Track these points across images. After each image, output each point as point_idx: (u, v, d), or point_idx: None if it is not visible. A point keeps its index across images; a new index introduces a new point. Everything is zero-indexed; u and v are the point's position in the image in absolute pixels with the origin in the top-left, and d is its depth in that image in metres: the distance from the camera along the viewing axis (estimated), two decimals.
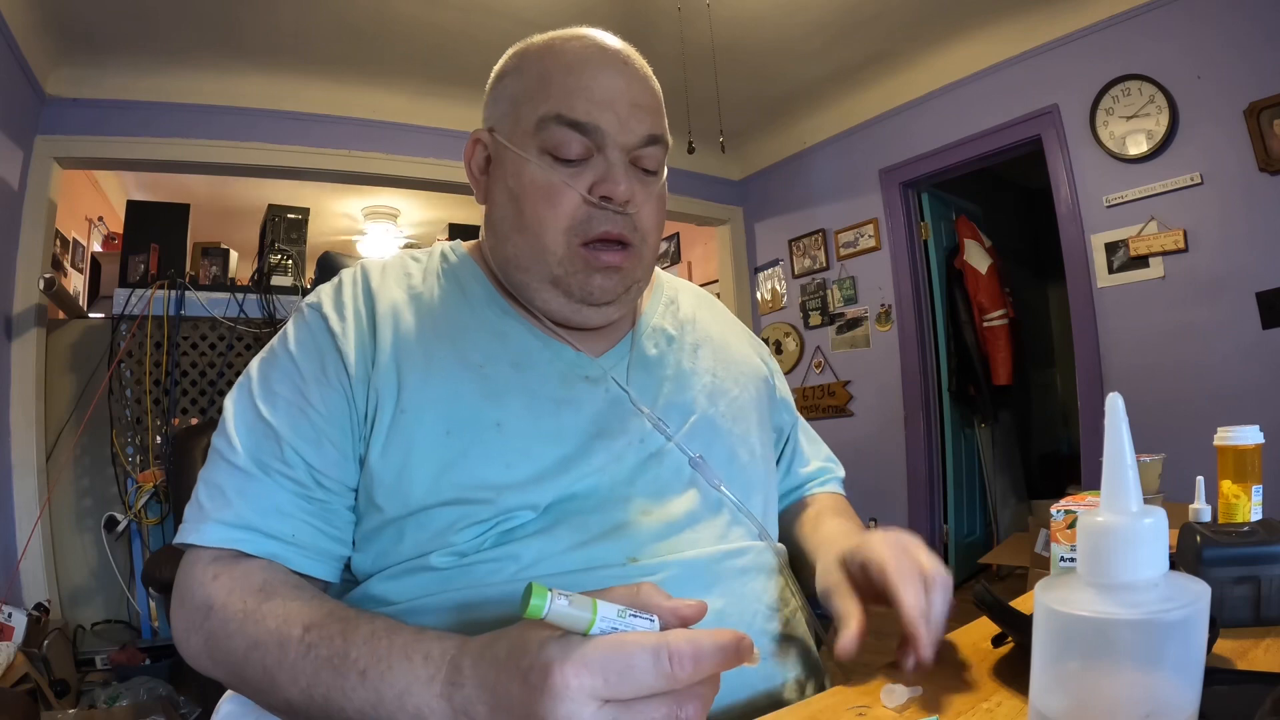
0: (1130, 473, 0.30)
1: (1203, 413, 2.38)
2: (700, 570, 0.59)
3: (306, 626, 0.48)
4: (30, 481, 2.45)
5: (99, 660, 2.35)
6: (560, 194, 0.60)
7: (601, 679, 0.36)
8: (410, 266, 0.69)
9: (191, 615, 0.53)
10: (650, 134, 0.63)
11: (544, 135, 0.60)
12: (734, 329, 0.81)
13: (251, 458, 0.56)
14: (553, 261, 0.61)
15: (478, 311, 0.65)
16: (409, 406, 0.57)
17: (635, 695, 0.36)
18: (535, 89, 0.62)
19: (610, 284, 0.62)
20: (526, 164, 0.61)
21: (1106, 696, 0.28)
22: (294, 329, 0.63)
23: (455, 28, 2.74)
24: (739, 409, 0.70)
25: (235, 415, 0.59)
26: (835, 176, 3.75)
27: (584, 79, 0.61)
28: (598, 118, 0.60)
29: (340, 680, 0.45)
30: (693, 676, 0.37)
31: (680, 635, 0.38)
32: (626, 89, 0.62)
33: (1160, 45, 2.52)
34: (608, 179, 0.60)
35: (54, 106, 2.71)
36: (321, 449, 0.57)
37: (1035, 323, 4.46)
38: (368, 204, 4.72)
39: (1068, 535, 0.76)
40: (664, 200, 0.68)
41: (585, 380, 0.63)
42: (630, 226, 0.62)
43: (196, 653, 0.53)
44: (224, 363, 2.64)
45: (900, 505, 3.45)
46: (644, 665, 0.36)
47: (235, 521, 0.55)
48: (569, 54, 0.63)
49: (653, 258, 0.67)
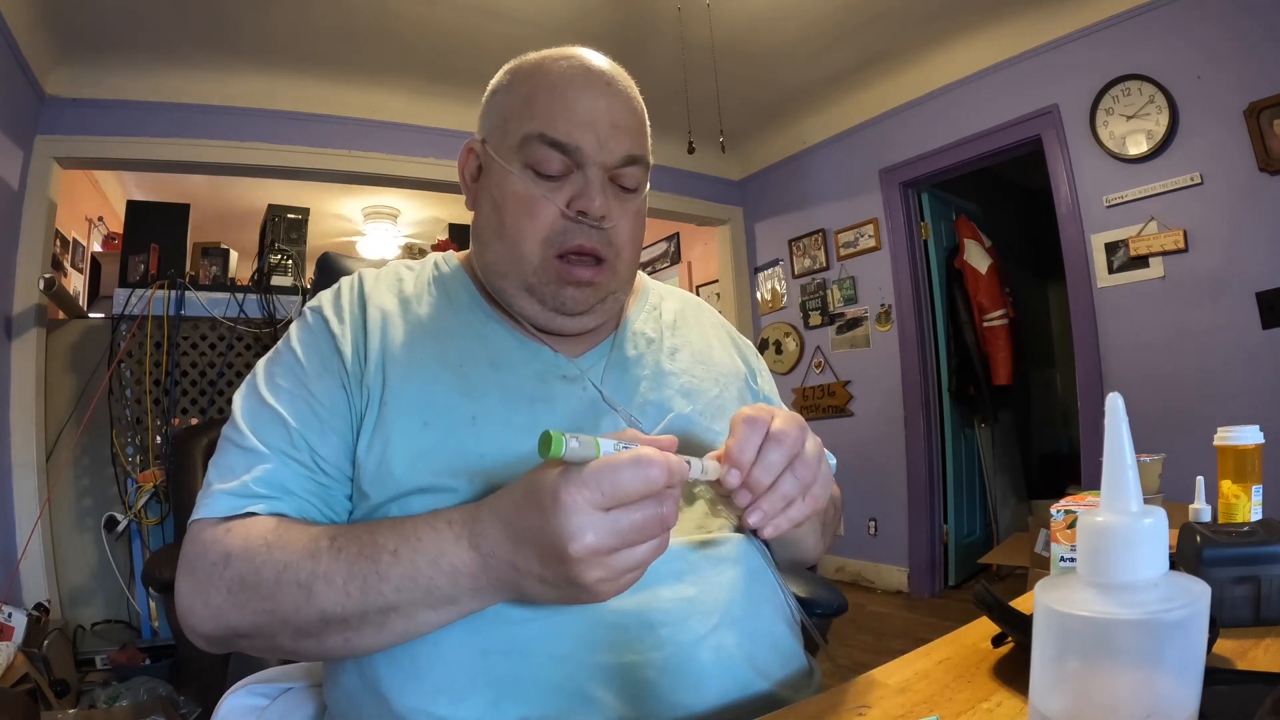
0: (1130, 473, 0.30)
1: (1203, 413, 2.38)
2: (674, 558, 0.60)
3: (332, 537, 0.53)
4: (30, 481, 2.45)
5: (99, 660, 2.35)
6: (539, 206, 0.63)
7: (599, 491, 0.44)
8: (403, 274, 0.73)
9: (208, 573, 0.55)
10: (629, 154, 0.65)
11: (527, 151, 0.63)
12: (717, 332, 0.82)
13: (260, 440, 0.60)
14: (528, 270, 0.64)
15: (461, 315, 0.69)
16: (390, 400, 0.61)
17: (626, 500, 0.45)
18: (522, 106, 0.65)
19: (582, 296, 0.65)
20: (510, 176, 0.64)
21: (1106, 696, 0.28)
22: (298, 330, 0.68)
23: (454, 28, 2.74)
24: (718, 408, 0.71)
25: (243, 406, 0.63)
26: (835, 176, 3.75)
27: (567, 99, 0.64)
28: (578, 138, 0.63)
29: (375, 566, 0.51)
30: (665, 482, 0.45)
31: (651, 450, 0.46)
32: (608, 110, 0.64)
33: (1160, 45, 2.52)
34: (584, 195, 0.63)
35: (54, 106, 2.71)
36: (325, 437, 0.61)
37: (1035, 323, 4.46)
38: (367, 204, 4.72)
39: (1068, 535, 0.76)
40: (641, 216, 0.70)
41: (562, 380, 0.66)
42: (605, 241, 0.65)
43: (218, 607, 0.54)
44: (224, 363, 2.64)
45: (900, 505, 3.45)
46: (629, 475, 0.44)
47: (244, 492, 0.58)
48: (555, 74, 0.65)
49: (628, 271, 0.69)
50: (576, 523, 0.44)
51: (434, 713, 0.54)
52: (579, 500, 0.44)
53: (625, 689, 0.55)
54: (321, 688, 0.69)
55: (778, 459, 0.52)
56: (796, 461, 0.54)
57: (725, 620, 0.60)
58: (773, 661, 0.62)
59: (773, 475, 0.52)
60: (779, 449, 0.53)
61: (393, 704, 0.55)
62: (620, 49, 0.72)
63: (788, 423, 0.54)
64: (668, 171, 3.85)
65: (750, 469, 0.52)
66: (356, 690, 0.58)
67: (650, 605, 0.57)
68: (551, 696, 0.54)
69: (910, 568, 3.43)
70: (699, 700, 0.56)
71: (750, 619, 0.62)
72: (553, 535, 0.45)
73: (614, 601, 0.56)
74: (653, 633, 0.56)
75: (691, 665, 0.57)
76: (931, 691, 0.51)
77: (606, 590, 0.47)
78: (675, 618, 0.57)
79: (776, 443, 0.53)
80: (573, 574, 0.45)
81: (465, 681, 0.54)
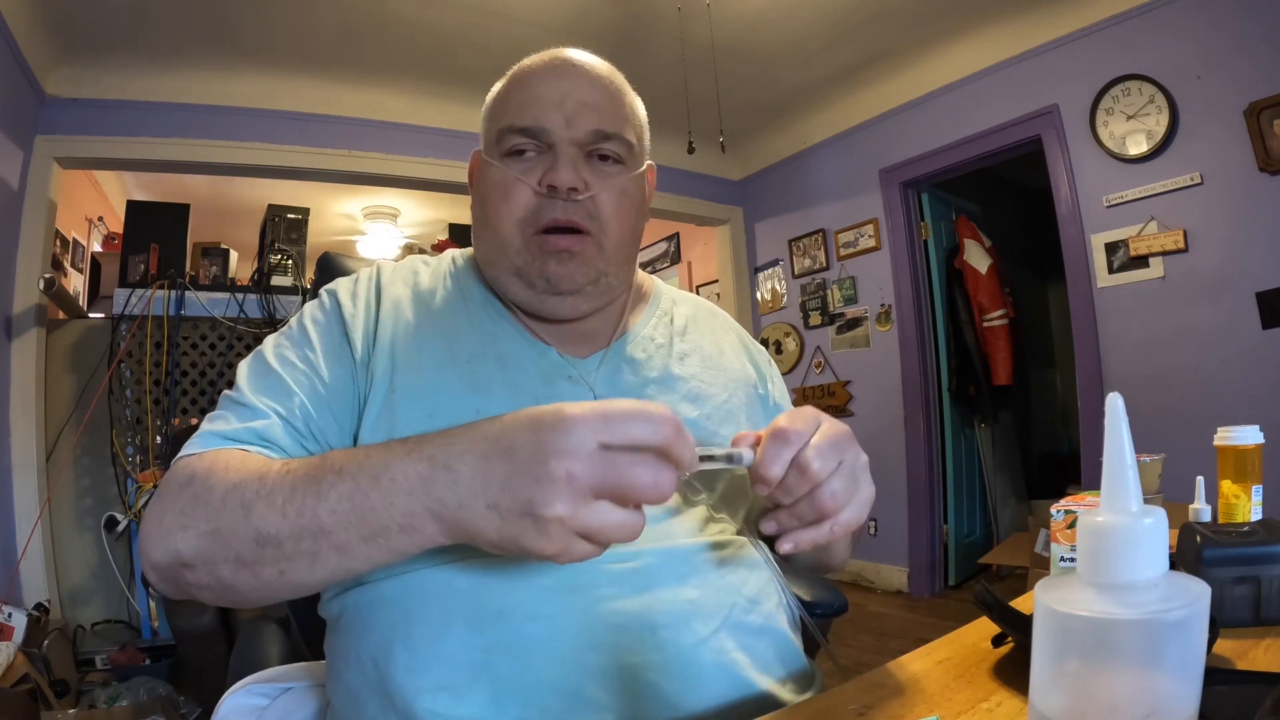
0: (1130, 473, 0.30)
1: (1203, 413, 2.38)
2: (677, 560, 0.60)
3: (286, 461, 0.52)
4: (30, 481, 2.45)
5: (99, 660, 2.35)
6: (513, 188, 0.65)
7: (602, 422, 0.42)
8: (419, 268, 0.74)
9: (168, 496, 0.53)
10: (598, 129, 0.65)
11: (503, 143, 0.66)
12: (729, 338, 0.82)
13: (258, 397, 0.60)
14: (512, 253, 0.66)
15: (473, 312, 0.69)
16: (399, 389, 0.62)
17: (626, 443, 0.42)
18: (500, 106, 0.68)
19: (566, 270, 0.65)
20: (491, 168, 0.67)
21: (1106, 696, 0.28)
22: (313, 310, 0.69)
23: (454, 28, 2.74)
24: (726, 413, 0.71)
25: (247, 371, 0.64)
26: (835, 176, 3.75)
27: (534, 88, 0.66)
28: (543, 119, 0.65)
29: (317, 485, 0.47)
30: (673, 438, 0.43)
31: (664, 407, 0.44)
32: (574, 88, 0.66)
33: (1160, 45, 2.52)
34: (553, 169, 0.64)
35: (54, 106, 2.71)
36: (322, 415, 0.61)
37: (1035, 323, 4.46)
38: (367, 204, 4.72)
39: (1068, 535, 0.76)
40: (630, 195, 0.69)
41: (567, 380, 0.67)
42: (584, 214, 0.65)
43: (168, 529, 0.51)
44: (224, 363, 2.64)
45: (900, 505, 3.45)
46: (639, 418, 0.42)
47: (230, 434, 0.58)
48: (528, 69, 0.68)
49: (617, 249, 0.68)
50: (572, 441, 0.41)
51: (435, 710, 0.54)
52: (579, 421, 0.42)
53: (626, 690, 0.55)
54: (322, 687, 0.69)
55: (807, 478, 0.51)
56: (833, 477, 0.52)
57: (727, 623, 0.60)
58: (774, 662, 0.62)
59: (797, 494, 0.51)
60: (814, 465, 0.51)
61: (395, 700, 0.55)
62: (620, 49, 0.72)
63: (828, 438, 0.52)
64: (668, 171, 3.85)
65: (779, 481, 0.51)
66: (359, 686, 0.58)
67: (652, 607, 0.57)
68: (552, 696, 0.54)
69: (910, 568, 3.43)
70: (699, 702, 0.56)
71: (752, 620, 0.62)
72: (540, 446, 0.42)
73: (616, 603, 0.56)
74: (654, 635, 0.56)
75: (693, 667, 0.57)
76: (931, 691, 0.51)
77: (554, 541, 0.42)
78: (677, 620, 0.57)
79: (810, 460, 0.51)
80: (537, 499, 0.41)
81: (466, 679, 0.54)
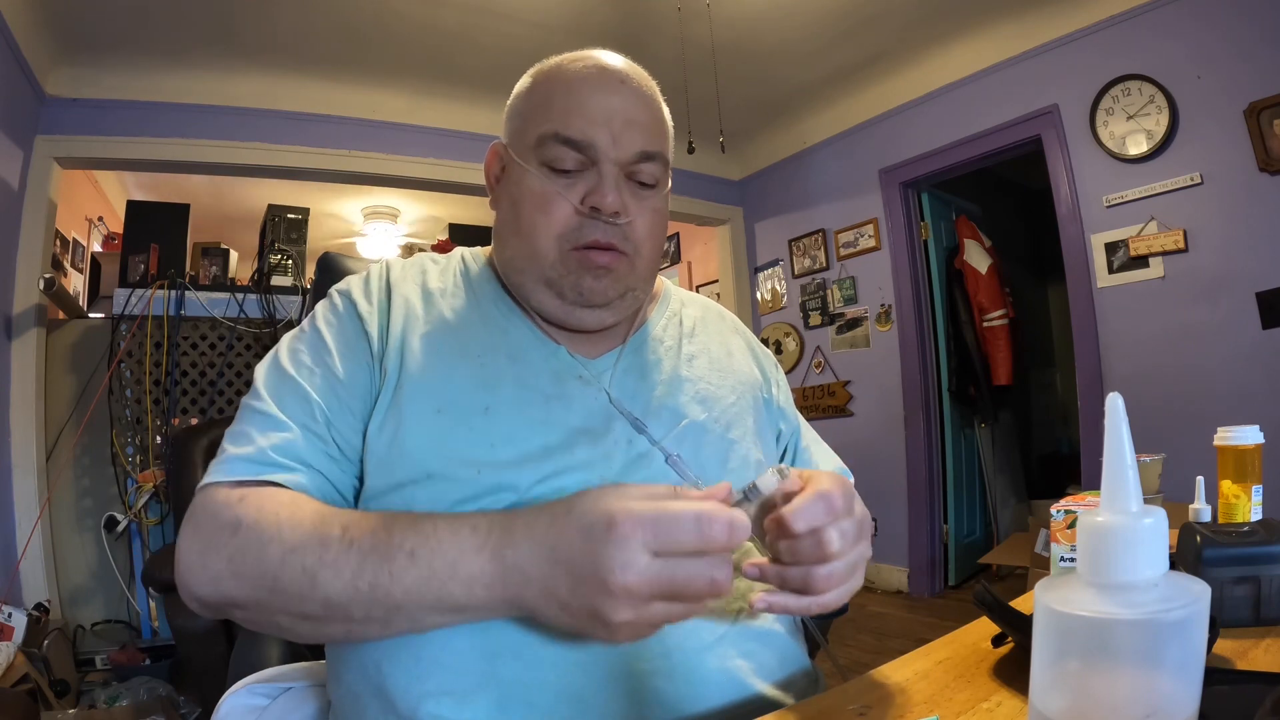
0: (1130, 473, 0.30)
1: (1203, 413, 2.38)
2: None
3: (345, 526, 0.51)
4: (30, 481, 2.45)
5: (99, 660, 2.35)
6: (554, 203, 0.64)
7: (653, 534, 0.43)
8: (428, 266, 0.74)
9: (213, 537, 0.54)
10: (643, 150, 0.65)
11: (543, 150, 0.64)
12: (736, 340, 0.82)
13: (281, 409, 0.60)
14: (545, 265, 0.64)
15: (484, 309, 0.69)
16: (407, 384, 0.62)
17: (678, 551, 0.43)
18: (539, 108, 0.66)
19: (601, 285, 0.64)
20: (527, 175, 0.65)
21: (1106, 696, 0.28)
22: (325, 310, 0.68)
23: (454, 28, 2.74)
24: (734, 416, 0.71)
25: (266, 377, 0.63)
26: (835, 176, 3.75)
27: (581, 98, 0.64)
28: (591, 135, 0.63)
29: (388, 564, 0.49)
30: (725, 541, 0.43)
31: (718, 506, 0.45)
32: (622, 107, 0.65)
33: (1160, 45, 2.52)
34: (598, 190, 0.63)
35: (54, 106, 2.70)
36: (343, 415, 0.61)
37: (1035, 323, 4.46)
38: (367, 204, 4.72)
39: (1068, 535, 0.76)
40: (661, 215, 0.70)
41: (578, 380, 0.66)
42: (621, 236, 0.65)
43: (217, 574, 0.53)
44: (224, 363, 2.64)
45: (900, 505, 3.44)
46: (688, 525, 0.43)
47: (259, 458, 0.57)
48: (570, 74, 0.66)
49: (648, 268, 0.69)
50: (626, 557, 0.43)
51: (439, 714, 0.53)
52: (635, 536, 0.43)
53: (631, 696, 0.55)
54: (323, 688, 0.69)
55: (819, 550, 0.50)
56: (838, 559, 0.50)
57: (733, 628, 0.60)
58: (776, 664, 0.63)
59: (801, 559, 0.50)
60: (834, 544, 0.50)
61: (397, 704, 0.55)
62: (620, 49, 0.72)
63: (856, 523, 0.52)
64: None
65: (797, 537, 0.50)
66: (360, 689, 0.58)
67: None
68: (556, 701, 0.54)
69: (910, 568, 3.43)
70: (702, 705, 0.56)
71: (755, 624, 0.62)
72: (597, 562, 0.43)
73: None
74: (660, 641, 0.56)
75: (698, 673, 0.57)
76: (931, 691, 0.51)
77: (625, 634, 0.45)
78: (684, 626, 0.57)
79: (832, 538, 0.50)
80: (601, 608, 0.44)
81: (471, 684, 0.54)
